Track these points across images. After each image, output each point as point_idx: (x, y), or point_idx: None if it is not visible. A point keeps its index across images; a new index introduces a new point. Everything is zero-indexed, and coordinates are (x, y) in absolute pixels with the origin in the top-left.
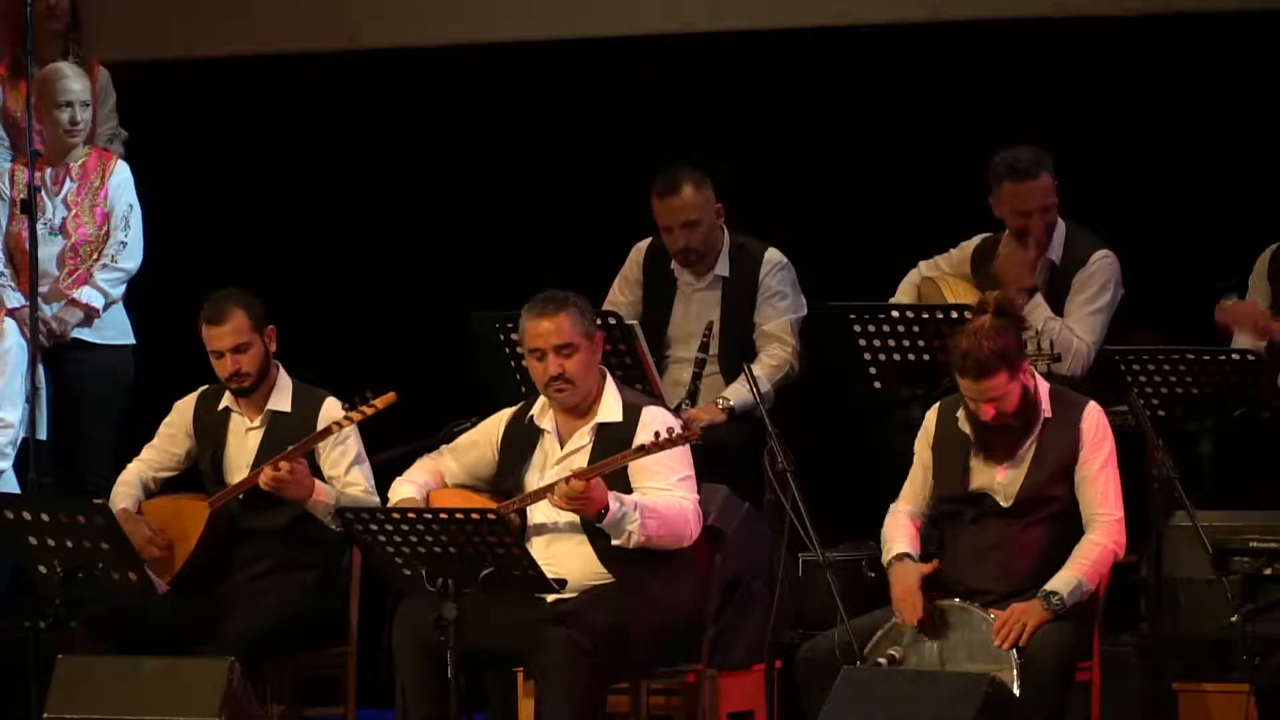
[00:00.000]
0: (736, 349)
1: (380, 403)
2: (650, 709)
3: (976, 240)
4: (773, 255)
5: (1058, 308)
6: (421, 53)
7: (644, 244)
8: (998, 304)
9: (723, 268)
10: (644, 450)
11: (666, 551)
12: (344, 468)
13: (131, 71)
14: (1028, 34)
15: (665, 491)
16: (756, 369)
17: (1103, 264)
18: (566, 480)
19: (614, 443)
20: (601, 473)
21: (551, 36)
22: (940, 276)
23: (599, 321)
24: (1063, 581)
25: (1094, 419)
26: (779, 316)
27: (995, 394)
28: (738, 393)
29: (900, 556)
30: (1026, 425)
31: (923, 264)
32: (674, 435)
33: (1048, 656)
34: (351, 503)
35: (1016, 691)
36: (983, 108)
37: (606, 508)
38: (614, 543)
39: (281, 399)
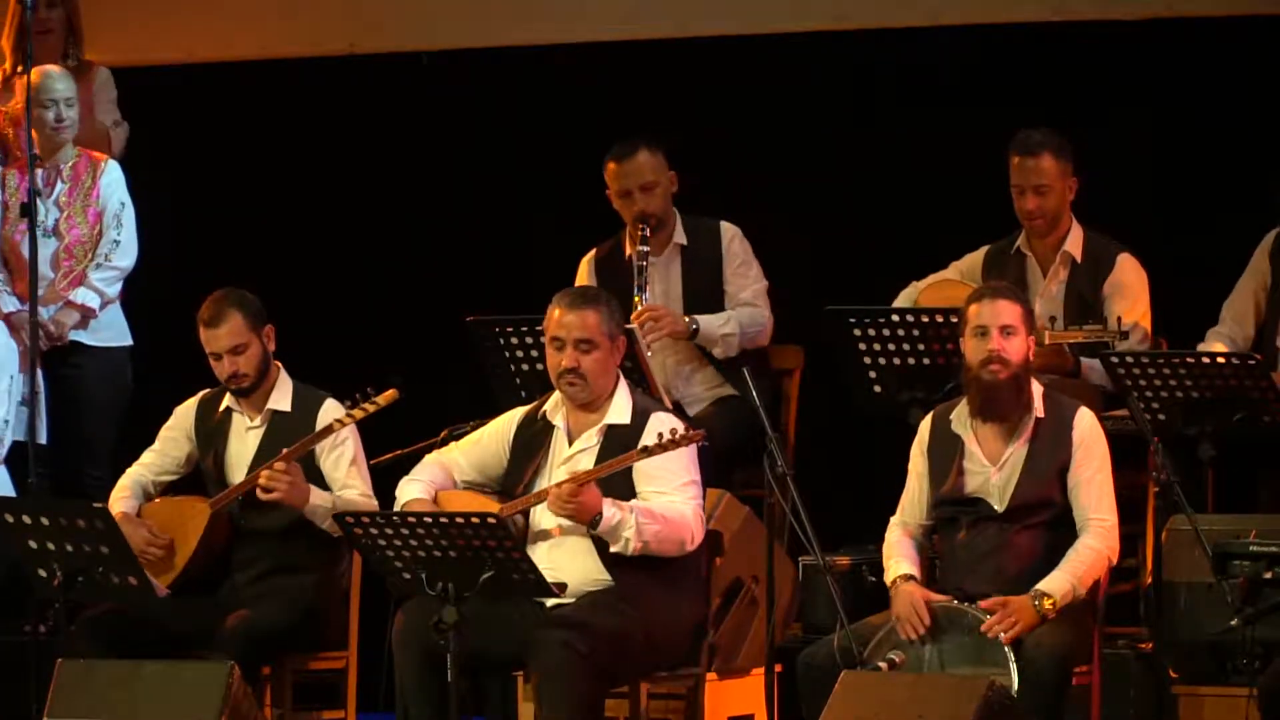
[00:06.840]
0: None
1: (382, 400)
2: (649, 713)
3: (985, 248)
4: (728, 226)
5: (1078, 303)
6: (420, 57)
7: (589, 255)
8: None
9: (680, 236)
10: (647, 451)
11: (668, 556)
12: (343, 469)
13: (132, 75)
14: (1028, 38)
15: (665, 496)
16: (732, 314)
17: (1129, 265)
18: (560, 484)
19: (621, 446)
20: (598, 476)
21: (551, 41)
22: (946, 281)
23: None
24: (1055, 583)
25: (1086, 423)
26: (754, 284)
27: (1006, 321)
28: (708, 322)
29: (905, 577)
30: (1017, 392)
31: (917, 283)
32: (677, 436)
33: (1046, 660)
34: (349, 507)
35: (1015, 694)
36: (983, 111)
37: (600, 514)
38: (613, 549)
39: (282, 398)
